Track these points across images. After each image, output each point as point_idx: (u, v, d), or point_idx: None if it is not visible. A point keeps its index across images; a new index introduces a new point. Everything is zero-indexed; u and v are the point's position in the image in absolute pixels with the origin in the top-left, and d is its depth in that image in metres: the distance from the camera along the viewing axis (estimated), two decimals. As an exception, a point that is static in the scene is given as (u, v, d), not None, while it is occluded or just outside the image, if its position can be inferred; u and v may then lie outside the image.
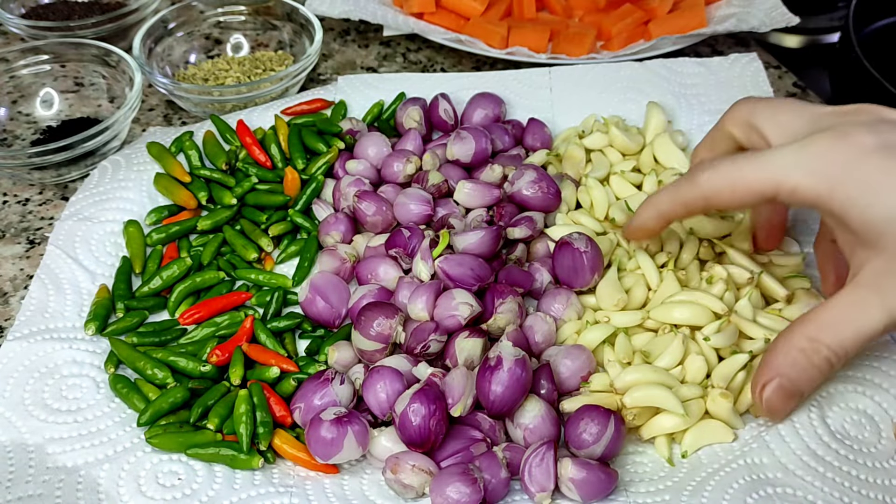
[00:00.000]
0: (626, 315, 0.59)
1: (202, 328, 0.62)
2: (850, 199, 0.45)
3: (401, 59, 0.94)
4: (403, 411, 0.52)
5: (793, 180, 0.47)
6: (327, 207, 0.70)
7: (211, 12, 0.91)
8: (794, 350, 0.48)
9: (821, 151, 0.46)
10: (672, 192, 0.54)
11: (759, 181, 0.48)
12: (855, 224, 0.46)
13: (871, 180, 0.45)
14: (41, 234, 0.73)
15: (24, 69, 0.82)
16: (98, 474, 0.53)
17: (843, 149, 0.46)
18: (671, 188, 0.54)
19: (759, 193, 0.49)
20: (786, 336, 0.49)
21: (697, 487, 0.51)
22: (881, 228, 0.45)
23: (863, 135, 0.46)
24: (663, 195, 0.55)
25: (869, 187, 0.45)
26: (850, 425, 0.53)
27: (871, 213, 0.45)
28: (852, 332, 0.46)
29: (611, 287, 0.61)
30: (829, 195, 0.46)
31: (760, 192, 0.48)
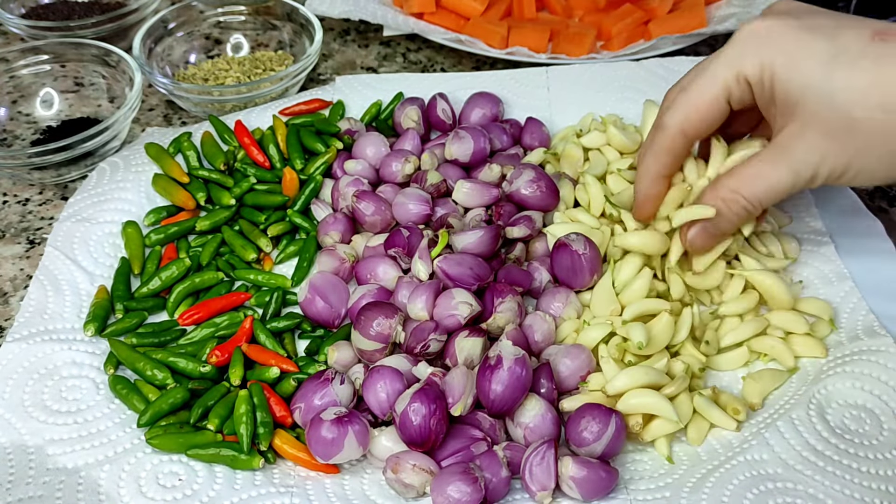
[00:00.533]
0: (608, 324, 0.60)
1: (201, 329, 0.62)
2: (777, 75, 0.51)
3: (401, 59, 0.94)
4: (404, 411, 0.52)
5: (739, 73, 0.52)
6: (326, 207, 0.70)
7: (211, 12, 0.91)
8: (718, 199, 0.55)
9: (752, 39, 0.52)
10: (651, 149, 0.57)
11: (714, 87, 0.53)
12: (778, 96, 0.51)
13: (792, 55, 0.51)
14: (41, 234, 0.73)
15: (24, 69, 0.82)
16: (98, 475, 0.53)
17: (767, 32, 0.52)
18: (648, 147, 0.57)
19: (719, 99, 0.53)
20: (713, 186, 0.56)
21: (697, 484, 0.51)
22: (797, 97, 0.50)
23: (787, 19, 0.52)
24: (646, 157, 0.58)
25: (790, 61, 0.51)
26: (850, 420, 0.54)
27: (790, 84, 0.51)
28: (764, 187, 0.53)
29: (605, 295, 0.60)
30: (761, 75, 0.52)
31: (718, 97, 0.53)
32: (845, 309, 0.61)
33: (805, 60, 0.50)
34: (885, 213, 0.73)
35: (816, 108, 0.50)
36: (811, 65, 0.50)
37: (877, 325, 0.59)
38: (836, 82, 0.49)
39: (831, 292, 0.62)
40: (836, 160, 0.50)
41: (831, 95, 0.49)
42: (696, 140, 0.56)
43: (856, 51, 0.49)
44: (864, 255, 0.64)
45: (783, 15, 0.53)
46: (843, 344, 0.59)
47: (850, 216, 0.67)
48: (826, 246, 0.65)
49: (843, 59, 0.49)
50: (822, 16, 0.52)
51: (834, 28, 0.51)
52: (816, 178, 0.51)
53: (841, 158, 0.50)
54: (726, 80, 0.53)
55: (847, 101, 0.49)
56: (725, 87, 0.53)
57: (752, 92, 0.53)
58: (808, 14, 0.53)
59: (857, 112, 0.49)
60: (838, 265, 0.64)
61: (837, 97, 0.49)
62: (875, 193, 0.75)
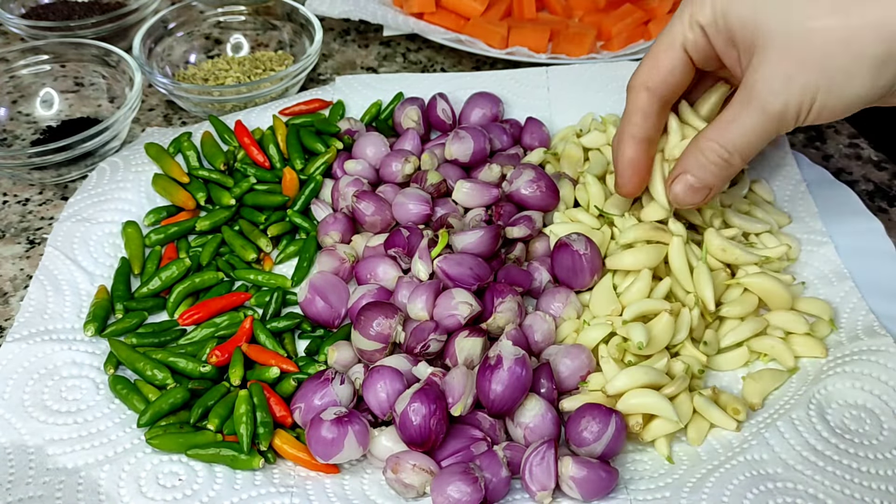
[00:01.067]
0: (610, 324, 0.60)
1: (201, 329, 0.62)
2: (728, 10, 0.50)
3: (401, 59, 0.94)
4: (404, 411, 0.52)
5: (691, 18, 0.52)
6: (326, 207, 0.70)
7: (211, 12, 0.91)
8: (696, 150, 0.54)
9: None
10: (624, 113, 0.57)
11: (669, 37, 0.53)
12: (734, 30, 0.50)
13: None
14: (41, 234, 0.73)
15: (24, 69, 0.82)
16: (98, 475, 0.53)
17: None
18: (623, 117, 0.57)
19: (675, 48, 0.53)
20: (695, 141, 0.54)
21: (697, 484, 0.51)
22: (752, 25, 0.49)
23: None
24: (621, 123, 0.57)
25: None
26: (849, 420, 0.54)
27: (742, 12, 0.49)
28: (738, 132, 0.51)
29: (605, 295, 0.60)
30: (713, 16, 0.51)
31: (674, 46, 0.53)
32: (845, 309, 0.61)
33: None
34: (885, 213, 0.73)
35: (772, 30, 0.48)
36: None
37: (877, 325, 0.59)
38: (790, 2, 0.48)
39: (831, 292, 0.62)
40: (804, 82, 0.48)
41: (784, 9, 0.48)
42: (664, 99, 0.55)
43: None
44: (864, 255, 0.64)
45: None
46: (843, 344, 0.59)
47: (850, 216, 0.67)
48: (826, 246, 0.65)
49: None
50: None
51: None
52: (787, 110, 0.49)
53: (808, 78, 0.48)
54: (681, 31, 0.53)
55: (801, 13, 0.47)
56: (681, 35, 0.53)
57: (707, 38, 0.52)
58: None
59: (812, 21, 0.47)
60: (838, 265, 0.64)
61: (791, 13, 0.47)
62: (875, 193, 0.75)
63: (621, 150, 0.57)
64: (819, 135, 0.82)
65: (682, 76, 0.54)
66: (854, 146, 0.80)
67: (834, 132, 0.82)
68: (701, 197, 0.56)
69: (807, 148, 0.80)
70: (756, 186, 0.70)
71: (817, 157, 0.79)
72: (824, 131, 0.82)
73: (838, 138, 0.81)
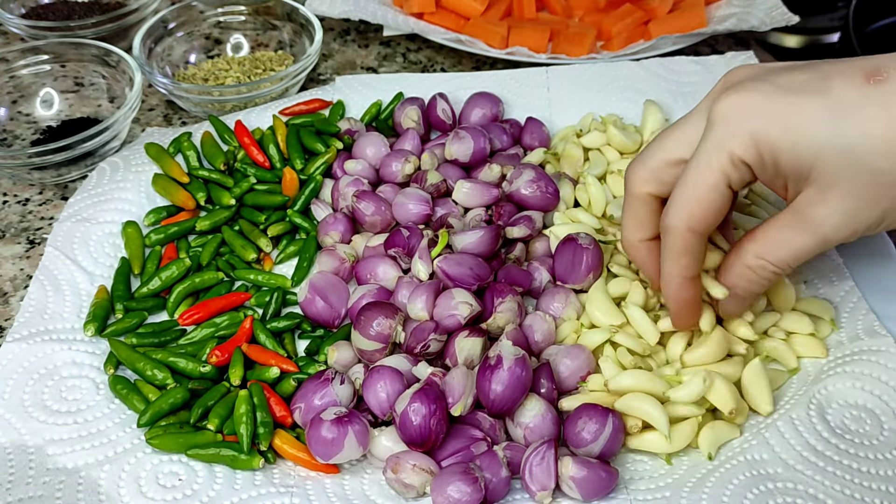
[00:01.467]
0: None
1: (202, 329, 0.62)
2: (776, 146, 0.47)
3: (401, 59, 0.94)
4: (404, 411, 0.52)
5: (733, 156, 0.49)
6: (326, 207, 0.70)
7: (211, 12, 0.91)
8: (745, 268, 0.53)
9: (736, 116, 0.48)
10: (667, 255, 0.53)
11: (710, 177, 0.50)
12: (787, 167, 0.48)
13: (788, 122, 0.47)
14: (41, 234, 0.73)
15: (24, 69, 0.82)
16: (98, 475, 0.53)
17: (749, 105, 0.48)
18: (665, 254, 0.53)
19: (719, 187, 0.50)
20: (737, 254, 0.53)
21: (697, 484, 0.51)
22: (810, 161, 0.47)
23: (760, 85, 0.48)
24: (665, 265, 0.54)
25: (789, 130, 0.47)
26: (850, 420, 0.54)
27: (798, 152, 0.47)
28: (790, 252, 0.51)
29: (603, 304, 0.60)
30: (759, 153, 0.48)
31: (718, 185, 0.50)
32: (845, 309, 0.61)
33: (806, 124, 0.47)
34: (886, 213, 0.73)
35: (835, 169, 0.46)
36: (815, 126, 0.46)
37: (877, 325, 0.59)
38: (850, 138, 0.46)
39: (831, 292, 0.62)
40: (869, 216, 0.48)
41: (850, 152, 0.46)
42: (707, 234, 0.52)
43: (856, 100, 0.46)
44: (864, 255, 0.64)
45: (751, 82, 0.49)
46: (844, 344, 0.59)
47: (850, 216, 0.67)
48: (826, 246, 0.65)
49: (848, 112, 0.46)
50: (793, 71, 0.49)
51: (820, 81, 0.47)
52: (849, 239, 0.49)
53: (874, 212, 0.47)
54: (721, 167, 0.49)
55: (867, 153, 0.46)
56: (723, 174, 0.49)
57: (751, 171, 0.49)
58: (776, 74, 0.49)
59: (882, 162, 0.46)
60: (838, 265, 0.64)
61: (856, 152, 0.46)
62: (875, 193, 0.75)
63: (677, 293, 0.54)
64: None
65: (725, 208, 0.51)
66: (854, 146, 0.80)
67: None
68: (749, 305, 0.57)
69: (807, 148, 0.80)
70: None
71: (817, 157, 0.79)
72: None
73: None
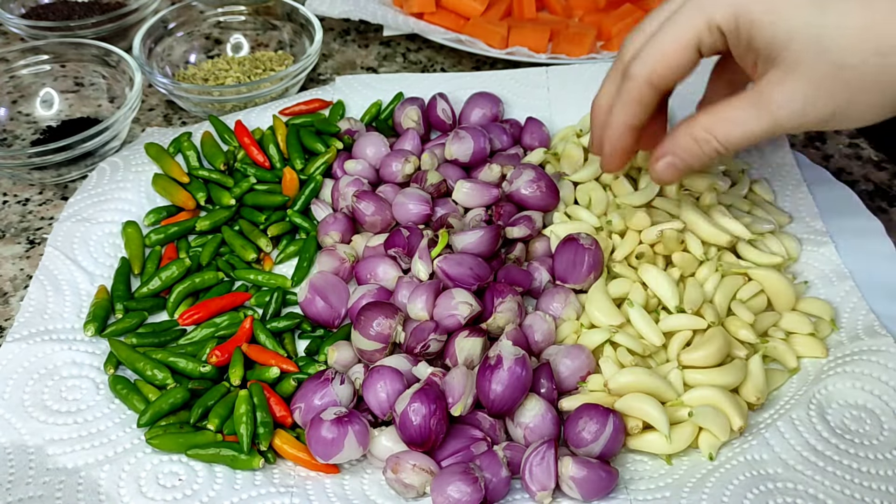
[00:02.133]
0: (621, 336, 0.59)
1: (201, 329, 0.62)
2: (755, 21, 0.48)
3: (401, 59, 0.94)
4: (404, 411, 0.52)
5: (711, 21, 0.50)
6: (326, 207, 0.70)
7: (211, 12, 0.91)
8: (690, 137, 0.53)
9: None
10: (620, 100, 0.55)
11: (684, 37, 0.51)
12: (760, 43, 0.49)
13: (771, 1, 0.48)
14: (41, 234, 0.73)
15: (24, 69, 0.82)
16: (98, 475, 0.53)
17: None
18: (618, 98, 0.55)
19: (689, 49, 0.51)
20: (688, 122, 0.53)
21: (697, 484, 0.51)
22: (782, 43, 0.48)
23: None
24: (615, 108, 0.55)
25: (771, 6, 0.48)
26: (850, 420, 0.54)
27: (774, 30, 0.48)
28: (740, 132, 0.51)
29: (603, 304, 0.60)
30: (737, 24, 0.49)
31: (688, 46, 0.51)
32: (845, 309, 0.61)
33: (788, 6, 0.47)
34: (885, 213, 0.73)
35: (803, 54, 0.47)
36: (797, 10, 0.47)
37: (877, 325, 0.59)
38: (825, 27, 0.46)
39: (832, 292, 0.62)
40: (823, 107, 0.48)
41: (820, 40, 0.47)
42: (666, 91, 0.54)
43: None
44: (864, 255, 0.64)
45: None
46: (844, 344, 0.59)
47: (850, 216, 0.67)
48: (826, 246, 0.65)
49: (830, 1, 0.46)
50: None
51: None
52: (799, 127, 0.50)
53: (828, 106, 0.48)
54: (697, 29, 0.50)
55: (839, 45, 0.46)
56: (696, 36, 0.50)
57: (724, 40, 0.51)
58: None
59: (851, 57, 0.46)
60: (838, 265, 0.64)
61: (828, 42, 0.46)
62: (875, 193, 0.75)
63: (616, 137, 0.56)
64: (819, 135, 0.82)
65: (688, 72, 0.53)
66: (854, 146, 0.80)
67: (834, 132, 0.82)
68: (680, 177, 0.57)
69: (807, 148, 0.80)
70: (756, 186, 0.70)
71: (817, 157, 0.79)
72: (824, 131, 0.82)
73: (838, 138, 0.81)
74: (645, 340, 0.58)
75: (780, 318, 0.60)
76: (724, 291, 0.60)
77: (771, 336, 0.60)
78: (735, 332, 0.58)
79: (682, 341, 0.58)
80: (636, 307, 0.58)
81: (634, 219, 0.63)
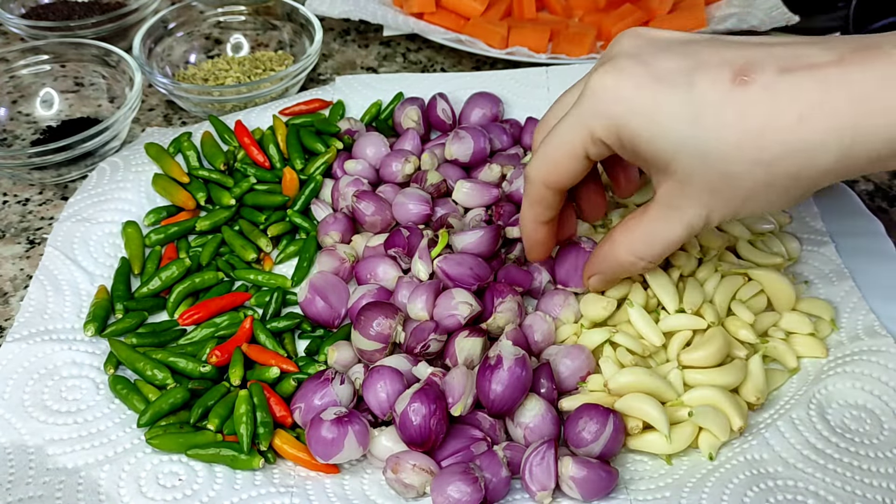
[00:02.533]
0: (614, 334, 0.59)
1: (201, 329, 0.62)
2: (636, 135, 0.48)
3: (401, 59, 0.94)
4: (404, 411, 0.52)
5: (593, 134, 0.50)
6: (326, 207, 0.70)
7: (211, 12, 0.91)
8: (615, 261, 0.55)
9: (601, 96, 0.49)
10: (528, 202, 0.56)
11: (569, 145, 0.51)
12: (646, 156, 0.49)
13: (649, 115, 0.47)
14: (41, 234, 0.73)
15: (24, 69, 0.82)
16: (98, 475, 0.53)
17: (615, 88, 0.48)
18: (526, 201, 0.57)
19: (576, 156, 0.51)
20: (611, 246, 0.55)
21: (697, 484, 0.51)
22: (668, 157, 0.48)
23: (632, 66, 0.48)
24: (526, 209, 0.57)
25: (649, 121, 0.47)
26: (850, 420, 0.54)
27: (656, 146, 0.48)
28: (661, 245, 0.52)
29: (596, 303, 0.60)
30: (618, 137, 0.49)
31: (575, 154, 0.51)
32: (845, 309, 0.61)
33: (666, 120, 0.47)
34: (885, 213, 0.73)
35: (692, 168, 0.47)
36: (674, 123, 0.46)
37: (877, 325, 0.59)
38: (706, 141, 0.46)
39: (832, 292, 0.62)
40: (725, 209, 0.49)
41: (704, 155, 0.46)
42: (562, 191, 0.55)
43: (717, 101, 0.45)
44: (864, 255, 0.64)
45: (627, 60, 0.48)
46: (844, 344, 0.59)
47: (850, 216, 0.67)
48: (826, 246, 0.65)
49: (708, 114, 0.45)
50: (672, 55, 0.48)
51: (688, 73, 0.46)
52: (709, 226, 0.51)
53: (729, 207, 0.49)
54: (582, 140, 0.50)
55: (721, 158, 0.46)
56: (581, 147, 0.50)
57: (610, 149, 0.50)
58: (656, 54, 0.48)
59: (735, 168, 0.46)
60: (838, 265, 0.64)
61: (711, 156, 0.46)
62: (875, 193, 0.75)
63: (529, 232, 0.58)
64: (819, 135, 0.82)
65: (581, 174, 0.53)
66: (854, 146, 0.80)
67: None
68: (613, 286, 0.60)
69: (807, 148, 0.80)
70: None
71: (817, 157, 0.79)
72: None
73: (838, 138, 0.81)
74: (645, 340, 0.58)
75: (780, 318, 0.60)
76: (724, 291, 0.60)
77: (771, 336, 0.60)
78: (735, 332, 0.58)
79: (682, 341, 0.58)
80: (636, 307, 0.58)
81: None
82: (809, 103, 0.44)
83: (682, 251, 0.62)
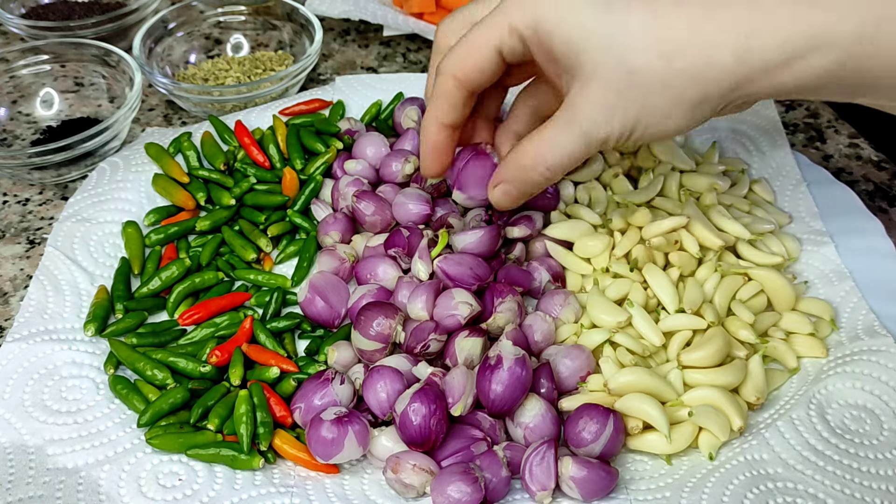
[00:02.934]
0: None
1: (201, 329, 0.62)
2: (553, 30, 0.48)
3: (401, 59, 0.94)
4: (404, 411, 0.52)
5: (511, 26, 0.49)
6: (326, 207, 0.70)
7: (211, 12, 0.91)
8: (519, 167, 0.53)
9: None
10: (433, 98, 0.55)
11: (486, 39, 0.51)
12: (558, 51, 0.48)
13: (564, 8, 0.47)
14: (41, 234, 0.73)
15: (24, 69, 0.82)
16: (99, 475, 0.53)
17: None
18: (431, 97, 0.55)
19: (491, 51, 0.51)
20: (518, 152, 0.53)
21: (697, 485, 0.51)
22: (578, 51, 0.47)
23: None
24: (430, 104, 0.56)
25: (563, 12, 0.47)
26: (850, 420, 0.54)
27: (568, 37, 0.47)
28: (559, 154, 0.51)
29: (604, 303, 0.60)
30: (535, 28, 0.48)
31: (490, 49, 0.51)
32: (845, 309, 0.61)
33: (579, 13, 0.47)
34: (885, 213, 0.73)
35: (597, 61, 0.47)
36: (586, 13, 0.47)
37: (877, 325, 0.59)
38: (612, 29, 0.46)
39: (831, 292, 0.62)
40: (624, 116, 0.48)
41: (609, 45, 0.46)
42: (472, 90, 0.54)
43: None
44: (864, 255, 0.64)
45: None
46: (844, 344, 0.59)
47: (850, 216, 0.67)
48: (826, 246, 0.65)
49: (619, 5, 0.46)
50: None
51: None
52: (609, 139, 0.49)
53: (628, 113, 0.48)
54: (499, 32, 0.50)
55: (625, 48, 0.46)
56: (498, 38, 0.50)
57: (527, 47, 0.50)
58: None
59: (636, 60, 0.46)
60: (838, 265, 0.64)
61: (615, 46, 0.46)
62: (875, 193, 0.75)
63: (427, 133, 0.56)
64: (819, 135, 0.82)
65: (491, 74, 0.53)
66: (854, 146, 0.80)
67: (834, 132, 0.82)
68: (519, 203, 0.57)
69: (807, 148, 0.80)
70: (756, 186, 0.70)
71: (817, 157, 0.79)
72: (824, 131, 0.82)
73: (838, 138, 0.81)
74: (645, 340, 0.58)
75: (780, 318, 0.61)
76: (724, 291, 0.60)
77: (771, 336, 0.60)
78: (735, 332, 0.58)
79: (682, 341, 0.58)
80: (636, 307, 0.58)
81: (636, 215, 0.63)
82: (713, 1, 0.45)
83: (682, 251, 0.62)
